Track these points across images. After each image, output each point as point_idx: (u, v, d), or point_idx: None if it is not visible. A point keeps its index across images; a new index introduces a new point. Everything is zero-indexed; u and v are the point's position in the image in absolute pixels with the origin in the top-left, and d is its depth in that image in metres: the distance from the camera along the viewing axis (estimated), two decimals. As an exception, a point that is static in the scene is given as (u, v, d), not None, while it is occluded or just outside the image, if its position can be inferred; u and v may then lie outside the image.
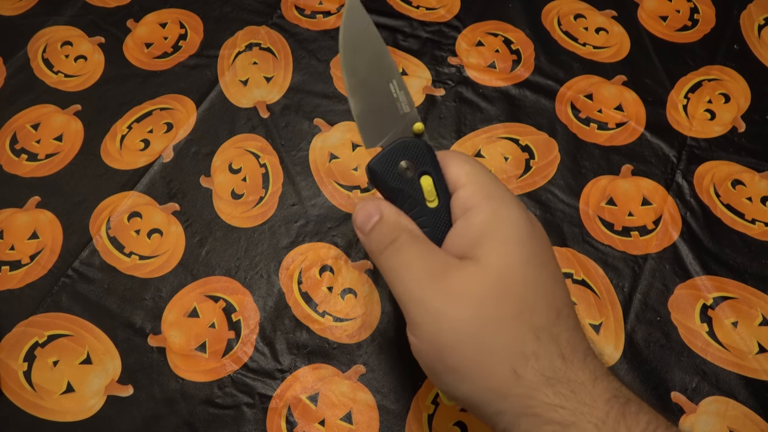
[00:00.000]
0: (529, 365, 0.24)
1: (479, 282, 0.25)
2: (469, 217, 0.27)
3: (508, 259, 0.25)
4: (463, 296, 0.25)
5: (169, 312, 0.42)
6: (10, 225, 0.45)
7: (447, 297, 0.25)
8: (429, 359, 0.26)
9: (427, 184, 0.29)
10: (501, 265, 0.25)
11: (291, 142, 0.49)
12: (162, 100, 0.51)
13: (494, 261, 0.25)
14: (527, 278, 0.25)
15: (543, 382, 0.24)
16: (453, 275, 0.25)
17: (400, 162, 0.29)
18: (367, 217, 0.29)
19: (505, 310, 0.25)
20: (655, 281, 0.43)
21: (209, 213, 0.46)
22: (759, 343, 0.40)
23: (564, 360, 0.24)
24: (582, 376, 0.24)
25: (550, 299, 0.26)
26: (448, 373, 0.25)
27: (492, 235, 0.26)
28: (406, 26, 0.55)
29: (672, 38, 0.54)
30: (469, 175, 0.28)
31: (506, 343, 0.24)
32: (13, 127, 0.50)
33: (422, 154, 0.29)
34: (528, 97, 0.51)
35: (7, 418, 0.39)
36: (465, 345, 0.25)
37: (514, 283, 0.25)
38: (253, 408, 0.39)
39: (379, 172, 0.29)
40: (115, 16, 0.56)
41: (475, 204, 0.27)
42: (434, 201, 0.29)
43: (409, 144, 0.29)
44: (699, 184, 0.47)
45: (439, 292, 0.25)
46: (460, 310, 0.25)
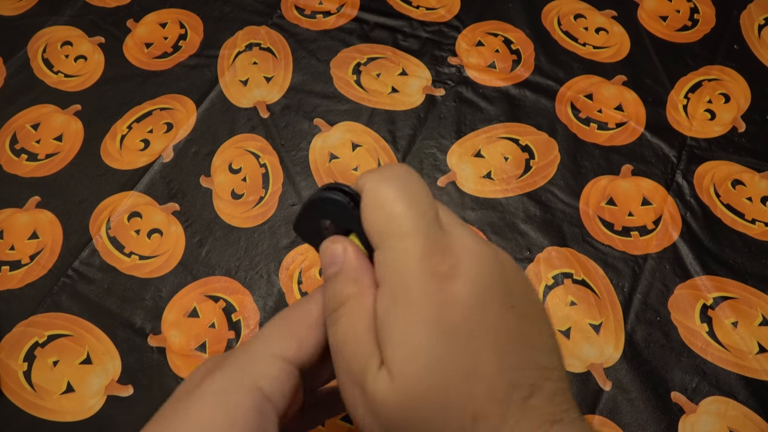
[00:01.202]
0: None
1: (392, 395, 0.21)
2: (370, 299, 0.23)
3: (414, 367, 0.21)
4: (379, 413, 0.21)
5: (169, 312, 0.42)
6: (10, 225, 0.45)
7: (366, 414, 0.22)
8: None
9: (354, 238, 0.25)
10: (407, 376, 0.21)
11: (291, 142, 0.49)
12: (162, 100, 0.51)
13: (399, 370, 0.21)
14: (450, 382, 0.21)
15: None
16: (370, 388, 0.21)
17: (321, 221, 0.26)
18: (329, 263, 0.24)
19: (422, 419, 0.21)
20: (655, 281, 0.43)
21: (209, 213, 0.46)
22: (759, 343, 0.40)
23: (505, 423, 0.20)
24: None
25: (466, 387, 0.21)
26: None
27: (390, 335, 0.21)
28: (406, 26, 0.55)
29: (672, 38, 0.54)
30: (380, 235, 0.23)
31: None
32: (13, 127, 0.50)
33: (341, 211, 0.25)
34: (528, 97, 0.51)
35: (7, 418, 0.39)
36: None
37: (425, 392, 0.21)
38: (253, 408, 0.39)
39: (304, 233, 0.27)
40: (115, 16, 0.56)
41: (378, 278, 0.22)
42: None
43: (328, 201, 0.26)
44: (699, 184, 0.47)
45: (360, 405, 0.22)
46: (378, 426, 0.21)
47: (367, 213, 0.23)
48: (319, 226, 0.26)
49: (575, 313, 0.41)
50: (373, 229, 0.23)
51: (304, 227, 0.27)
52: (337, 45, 0.54)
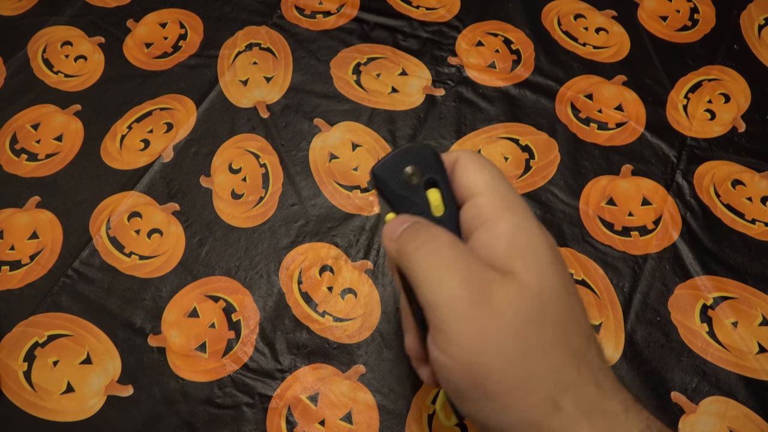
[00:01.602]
0: (568, 395, 0.22)
1: (522, 303, 0.23)
2: (492, 227, 0.25)
3: (544, 280, 0.24)
4: (508, 317, 0.23)
5: (169, 312, 0.42)
6: (10, 225, 0.45)
7: (492, 317, 0.23)
8: (461, 381, 0.23)
9: (434, 191, 0.28)
10: (538, 285, 0.23)
11: (291, 142, 0.49)
12: (162, 100, 0.51)
13: (532, 279, 0.23)
14: (560, 299, 0.24)
15: (580, 414, 0.22)
16: (496, 290, 0.23)
17: (406, 168, 0.27)
18: (397, 225, 0.27)
19: (546, 334, 0.23)
20: (655, 281, 0.43)
21: (209, 213, 0.46)
22: (759, 343, 0.40)
23: (598, 388, 0.23)
24: (616, 406, 0.23)
25: (581, 323, 0.24)
26: (484, 400, 0.23)
27: (523, 249, 0.24)
28: (406, 26, 0.55)
29: (672, 38, 0.54)
30: (487, 183, 0.26)
31: (547, 370, 0.22)
32: (13, 127, 0.50)
33: (429, 161, 0.28)
34: (528, 97, 0.51)
35: (7, 418, 0.39)
36: (506, 372, 0.22)
37: (552, 305, 0.23)
38: (253, 408, 0.39)
39: (383, 178, 0.28)
40: (115, 16, 0.56)
41: (495, 214, 0.25)
42: (440, 209, 0.27)
43: (416, 149, 0.28)
44: (699, 184, 0.47)
45: (482, 310, 0.23)
46: (503, 332, 0.23)
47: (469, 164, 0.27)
48: (401, 173, 0.27)
49: (575, 313, 0.41)
50: (478, 177, 0.26)
51: (386, 169, 0.28)
52: (337, 45, 0.54)
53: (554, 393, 0.22)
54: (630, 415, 0.23)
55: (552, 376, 0.22)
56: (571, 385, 0.22)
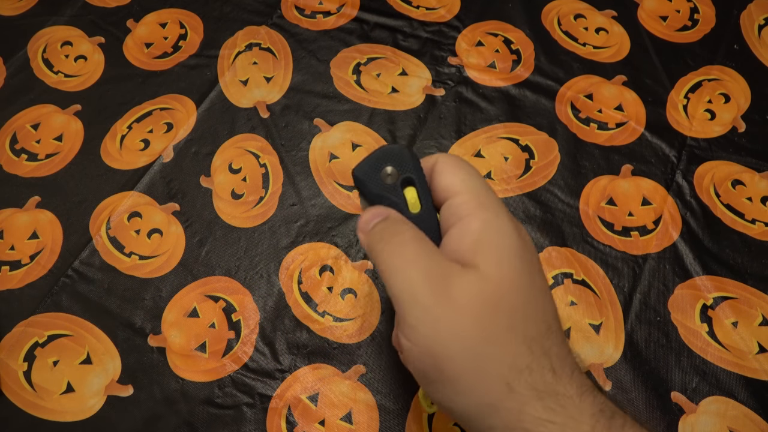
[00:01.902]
0: (522, 378, 0.24)
1: (479, 291, 0.25)
2: (464, 224, 0.27)
3: (504, 269, 0.25)
4: (463, 304, 0.24)
5: (169, 312, 0.42)
6: (10, 225, 0.45)
7: (448, 303, 0.24)
8: (422, 365, 0.25)
9: (410, 190, 0.29)
10: (498, 275, 0.25)
11: (291, 142, 0.49)
12: (162, 100, 0.51)
13: (492, 270, 0.25)
14: (520, 289, 0.25)
15: (534, 396, 0.24)
16: (455, 282, 0.25)
17: (384, 168, 0.29)
18: (371, 218, 0.28)
19: (501, 320, 0.24)
20: (655, 281, 0.43)
21: (209, 213, 0.46)
22: (759, 343, 0.40)
23: (554, 374, 0.24)
24: (570, 390, 0.24)
25: (540, 312, 0.26)
26: (443, 382, 0.25)
27: (488, 244, 0.26)
28: (406, 26, 0.55)
29: (672, 38, 0.54)
30: (463, 183, 0.28)
31: (502, 355, 0.24)
32: (13, 127, 0.50)
33: (405, 161, 0.29)
34: (528, 97, 0.51)
35: (7, 418, 0.39)
36: (463, 355, 0.24)
37: (508, 293, 0.25)
38: (253, 408, 0.39)
39: (362, 178, 0.29)
40: (115, 16, 0.56)
41: (468, 212, 0.27)
42: (417, 207, 0.29)
43: (393, 150, 0.29)
44: (699, 184, 0.47)
45: (440, 297, 0.25)
46: (460, 318, 0.24)
47: (447, 166, 0.28)
48: (380, 173, 0.29)
49: (575, 313, 0.41)
50: (455, 178, 0.28)
51: (365, 170, 0.29)
52: (337, 45, 0.54)
53: (508, 376, 0.24)
54: (584, 399, 0.24)
55: (507, 360, 0.24)
56: (525, 369, 0.24)
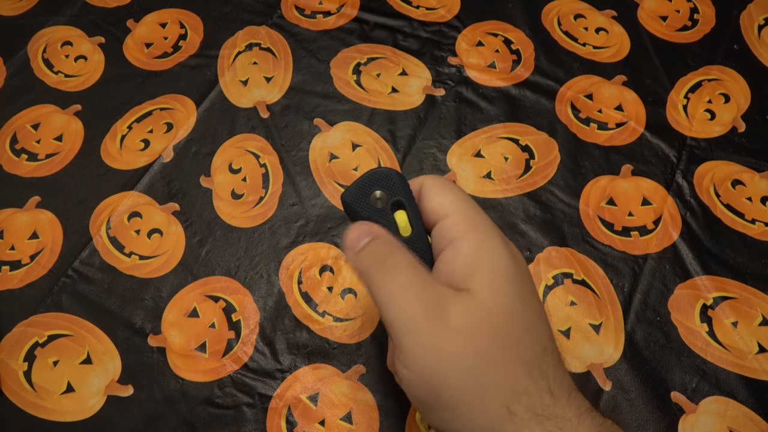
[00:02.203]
0: (521, 402, 0.24)
1: (473, 316, 0.24)
2: (455, 247, 0.26)
3: (498, 294, 0.25)
4: (459, 330, 0.24)
5: (169, 312, 0.42)
6: (10, 225, 0.45)
7: (444, 331, 0.24)
8: (420, 392, 0.25)
9: (401, 213, 0.29)
10: (493, 299, 0.25)
11: (291, 142, 0.49)
12: (162, 100, 0.51)
13: (486, 294, 0.25)
14: (515, 313, 0.25)
15: (532, 419, 0.24)
16: (449, 307, 0.25)
17: (373, 192, 0.29)
18: (359, 237, 0.28)
19: (498, 345, 0.24)
20: (655, 281, 0.43)
21: (209, 213, 0.46)
22: (759, 343, 0.40)
23: (552, 396, 0.24)
24: (568, 412, 0.24)
25: (535, 334, 0.26)
26: (442, 408, 0.24)
27: (481, 267, 0.25)
28: (406, 26, 0.55)
29: (672, 38, 0.54)
30: (453, 204, 0.28)
31: (499, 379, 0.24)
32: (13, 127, 0.50)
33: (394, 184, 0.29)
34: (528, 97, 0.51)
35: (7, 418, 0.39)
36: (461, 381, 0.24)
37: (506, 319, 0.25)
38: (253, 408, 0.39)
39: (351, 203, 0.29)
40: (115, 16, 0.56)
41: (459, 234, 0.26)
42: (407, 230, 0.29)
43: (381, 174, 0.29)
44: (699, 184, 0.47)
45: (436, 324, 0.24)
46: (457, 344, 0.24)
47: (435, 188, 0.28)
48: (369, 197, 0.29)
49: (575, 313, 0.41)
50: (443, 200, 0.28)
51: (354, 195, 0.29)
52: (337, 45, 0.54)
53: (507, 400, 0.24)
54: (582, 421, 0.24)
55: (505, 383, 0.24)
56: (524, 392, 0.24)
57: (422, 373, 0.24)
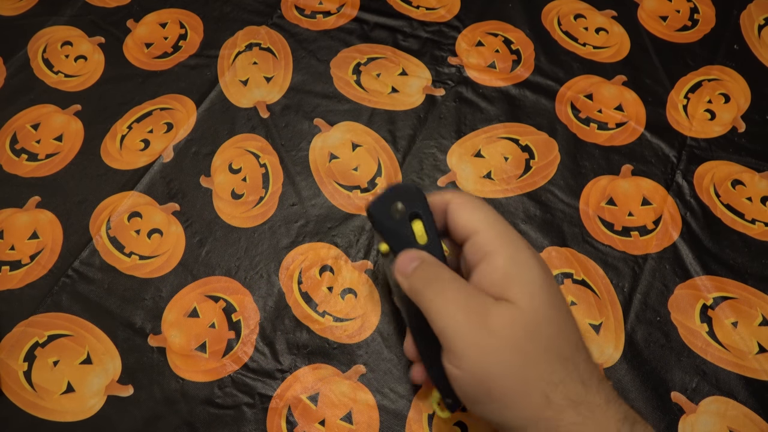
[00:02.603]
0: (558, 390, 0.27)
1: (514, 322, 0.28)
2: (490, 261, 0.30)
3: (535, 302, 0.29)
4: (502, 334, 0.28)
5: (169, 312, 0.42)
6: (10, 225, 0.45)
7: (491, 334, 0.28)
8: (472, 389, 0.29)
9: (418, 223, 0.33)
10: (531, 307, 0.29)
11: (291, 142, 0.49)
12: (162, 100, 0.51)
13: (525, 303, 0.29)
14: (551, 318, 0.29)
15: (568, 405, 0.27)
16: (493, 315, 0.28)
17: (394, 204, 0.33)
18: (408, 261, 0.32)
19: (538, 345, 0.28)
20: (655, 281, 0.43)
21: (209, 213, 0.46)
22: (759, 343, 0.40)
23: (584, 385, 0.28)
24: (598, 398, 0.28)
25: (567, 334, 0.30)
26: (491, 402, 0.28)
27: (516, 279, 0.29)
28: (406, 26, 0.55)
29: (672, 38, 0.54)
30: (482, 221, 0.31)
31: (540, 373, 0.28)
32: (13, 127, 0.50)
33: (413, 197, 0.33)
34: (528, 97, 0.51)
35: (7, 418, 0.39)
36: (507, 377, 0.28)
37: (542, 323, 0.29)
38: (254, 408, 0.39)
39: (375, 214, 0.33)
40: (115, 16, 0.56)
41: (492, 248, 0.30)
42: (424, 238, 0.33)
43: (402, 188, 0.33)
44: (699, 184, 0.47)
45: (483, 329, 0.28)
46: (502, 346, 0.28)
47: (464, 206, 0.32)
48: (391, 209, 0.33)
49: (575, 313, 0.41)
50: (473, 217, 0.31)
51: (378, 207, 0.33)
52: (337, 45, 0.54)
53: (547, 390, 0.28)
54: (610, 406, 0.28)
55: (545, 377, 0.28)
56: (560, 382, 0.28)
57: (473, 373, 0.28)
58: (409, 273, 0.31)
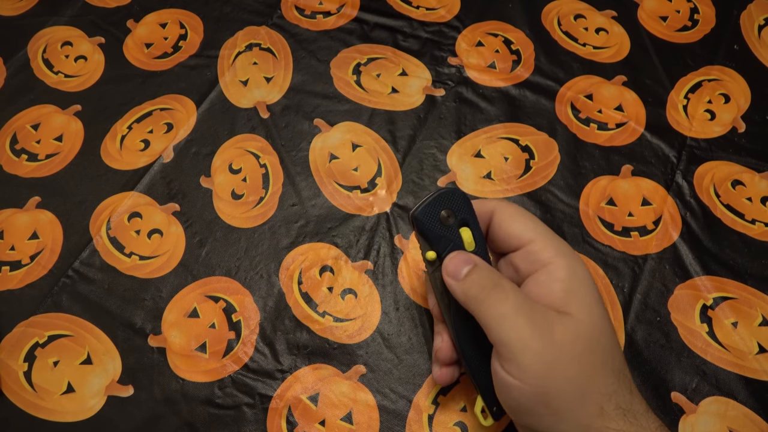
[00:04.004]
0: (611, 401, 0.28)
1: (577, 335, 0.29)
2: (550, 272, 0.31)
3: (594, 316, 0.30)
4: (567, 348, 0.29)
5: (169, 312, 0.42)
6: (10, 225, 0.45)
7: (554, 348, 0.28)
8: (531, 401, 0.29)
9: (466, 230, 0.32)
10: (590, 321, 0.29)
11: (291, 142, 0.49)
12: (162, 101, 0.51)
13: (586, 317, 0.29)
14: (606, 331, 0.30)
15: (619, 414, 0.28)
16: (556, 328, 0.29)
17: (442, 211, 0.32)
18: (460, 265, 0.31)
19: (597, 359, 0.29)
20: (655, 281, 0.43)
21: (209, 213, 0.46)
22: (759, 344, 0.40)
23: (631, 394, 0.29)
24: (641, 407, 0.29)
25: (617, 346, 0.31)
26: (549, 414, 0.28)
27: (577, 292, 0.30)
28: (406, 26, 0.55)
29: (672, 38, 0.54)
30: (534, 232, 0.32)
31: (598, 386, 0.29)
32: (13, 127, 0.50)
33: (460, 203, 0.32)
34: (528, 98, 0.51)
35: (7, 418, 0.39)
36: (569, 390, 0.28)
37: (600, 336, 0.30)
38: (254, 408, 0.39)
39: (424, 221, 0.32)
40: (115, 16, 0.56)
41: (549, 259, 0.31)
42: (472, 245, 0.32)
43: (449, 194, 0.32)
44: (699, 185, 0.47)
45: (547, 342, 0.28)
46: (566, 359, 0.28)
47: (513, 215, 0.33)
48: (439, 215, 0.32)
49: (575, 313, 0.41)
50: (524, 226, 0.32)
51: (425, 213, 0.32)
52: (337, 45, 0.54)
53: (602, 401, 0.28)
54: (649, 414, 0.29)
55: (601, 389, 0.29)
56: (613, 394, 0.29)
57: (536, 386, 0.28)
58: (462, 277, 0.31)
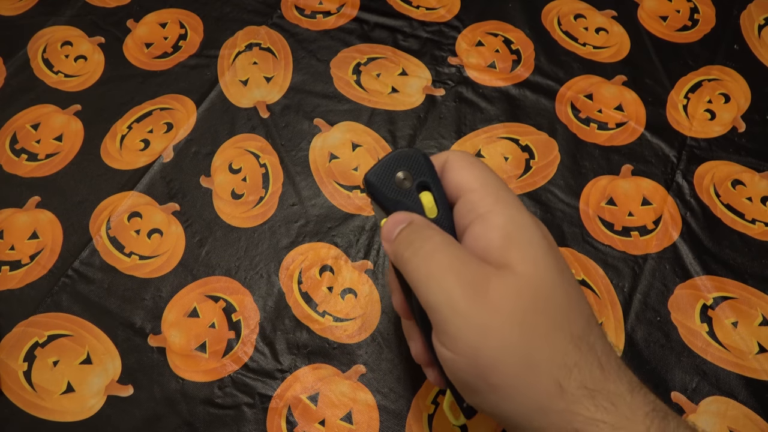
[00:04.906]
0: (572, 377, 0.23)
1: (519, 293, 0.24)
2: (486, 221, 0.25)
3: (541, 268, 0.24)
4: (505, 309, 0.23)
5: (169, 312, 0.42)
6: (10, 225, 0.45)
7: (490, 310, 0.23)
8: (467, 375, 0.24)
9: (426, 194, 0.28)
10: (535, 274, 0.24)
11: (291, 142, 0.49)
12: (162, 100, 0.51)
13: (530, 269, 0.24)
14: (559, 286, 0.24)
15: (585, 394, 0.23)
16: (492, 286, 0.24)
17: (398, 173, 0.28)
18: (395, 225, 0.27)
19: (546, 320, 0.23)
20: (655, 281, 0.43)
21: (209, 213, 0.46)
22: (759, 343, 0.40)
23: (602, 370, 0.23)
24: (620, 387, 0.23)
25: (578, 306, 0.25)
26: (490, 391, 0.23)
27: (518, 241, 0.25)
28: (406, 26, 0.55)
29: (672, 38, 0.54)
30: (478, 179, 0.27)
31: (550, 355, 0.23)
32: (13, 127, 0.50)
33: (420, 165, 0.28)
34: (528, 97, 0.51)
35: (7, 418, 0.39)
36: (511, 361, 0.23)
37: (551, 293, 0.24)
38: (254, 408, 0.39)
39: (376, 184, 0.28)
40: (115, 16, 0.56)
41: (487, 208, 0.26)
42: (433, 211, 0.28)
43: (406, 154, 0.28)
44: (699, 184, 0.47)
45: (480, 304, 0.23)
46: (505, 324, 0.23)
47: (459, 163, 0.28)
48: (394, 178, 0.28)
49: (575, 313, 0.41)
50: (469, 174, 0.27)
51: (378, 175, 0.28)
52: (337, 45, 0.54)
53: (559, 375, 0.23)
54: (635, 396, 0.23)
55: (556, 359, 0.23)
56: (575, 366, 0.23)
57: (468, 356, 0.23)
58: (394, 237, 0.26)
